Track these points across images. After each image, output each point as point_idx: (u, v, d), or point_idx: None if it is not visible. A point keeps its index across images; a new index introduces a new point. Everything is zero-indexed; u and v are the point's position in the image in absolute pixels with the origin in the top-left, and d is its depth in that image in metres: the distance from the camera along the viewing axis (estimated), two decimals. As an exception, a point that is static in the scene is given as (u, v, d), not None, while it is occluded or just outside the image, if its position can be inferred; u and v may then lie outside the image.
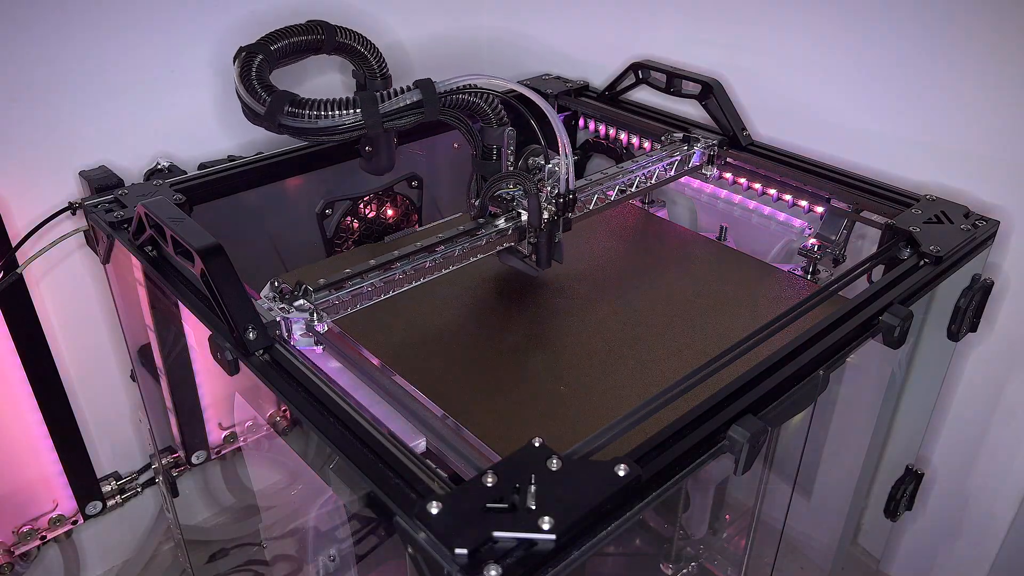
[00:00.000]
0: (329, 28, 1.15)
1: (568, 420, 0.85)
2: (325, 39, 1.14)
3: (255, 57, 1.06)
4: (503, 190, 1.01)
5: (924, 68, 1.10)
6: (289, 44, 1.12)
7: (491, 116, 1.03)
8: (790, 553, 1.15)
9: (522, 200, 1.00)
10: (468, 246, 0.98)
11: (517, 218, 1.01)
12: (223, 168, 1.17)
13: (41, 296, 1.17)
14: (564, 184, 0.97)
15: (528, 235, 1.02)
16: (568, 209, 0.99)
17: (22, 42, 1.07)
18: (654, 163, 1.18)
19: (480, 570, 0.54)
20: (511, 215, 1.01)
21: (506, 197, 1.01)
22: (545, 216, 0.99)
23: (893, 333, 0.84)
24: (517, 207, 1.01)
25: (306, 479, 0.93)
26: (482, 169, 1.05)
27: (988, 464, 1.24)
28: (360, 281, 0.90)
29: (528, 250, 1.03)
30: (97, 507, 1.28)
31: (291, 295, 0.86)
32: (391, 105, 0.97)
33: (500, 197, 1.01)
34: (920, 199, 1.07)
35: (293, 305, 0.84)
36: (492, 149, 1.04)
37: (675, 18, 1.36)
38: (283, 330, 0.83)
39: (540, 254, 1.02)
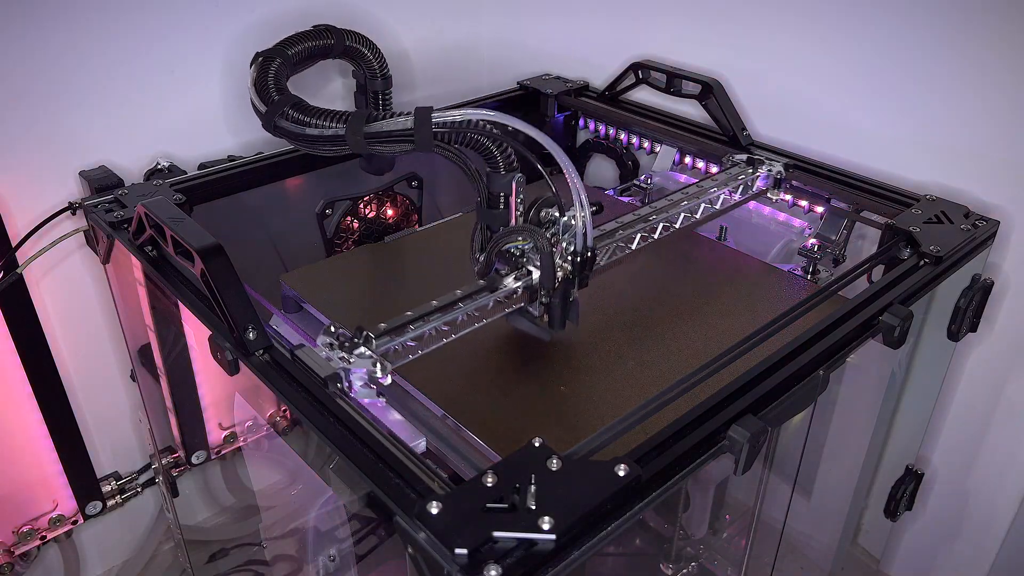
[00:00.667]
0: (338, 32, 1.15)
1: (568, 420, 0.85)
2: (335, 43, 1.14)
3: (273, 61, 1.06)
4: (511, 244, 0.89)
5: (924, 68, 1.10)
6: (304, 49, 1.12)
7: (499, 160, 0.90)
8: (790, 553, 1.15)
9: (533, 256, 0.88)
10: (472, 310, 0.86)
11: (528, 276, 0.89)
12: (223, 168, 1.17)
13: (41, 296, 1.17)
14: (581, 240, 0.86)
15: (540, 295, 0.90)
16: (586, 268, 0.88)
17: (23, 42, 1.07)
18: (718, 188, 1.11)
19: (480, 570, 0.54)
20: (521, 272, 0.89)
21: (515, 252, 0.89)
22: (560, 275, 0.87)
23: (893, 333, 0.84)
24: (527, 264, 0.89)
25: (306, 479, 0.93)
26: (488, 219, 0.92)
27: (988, 464, 1.24)
28: (422, 324, 0.82)
29: (539, 310, 0.91)
30: (97, 507, 1.28)
31: (351, 342, 0.78)
32: (378, 127, 0.91)
33: (508, 252, 0.90)
34: (920, 199, 1.07)
35: (354, 353, 0.77)
36: (499, 197, 0.91)
37: (675, 18, 1.36)
38: (343, 382, 0.76)
39: (553, 316, 0.91)
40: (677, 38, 1.37)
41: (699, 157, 1.33)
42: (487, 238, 0.93)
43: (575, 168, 0.85)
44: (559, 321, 0.91)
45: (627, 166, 1.48)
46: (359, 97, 1.25)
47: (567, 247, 0.87)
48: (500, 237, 0.89)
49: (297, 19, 1.21)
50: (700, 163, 1.33)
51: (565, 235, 0.87)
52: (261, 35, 1.28)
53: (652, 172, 1.40)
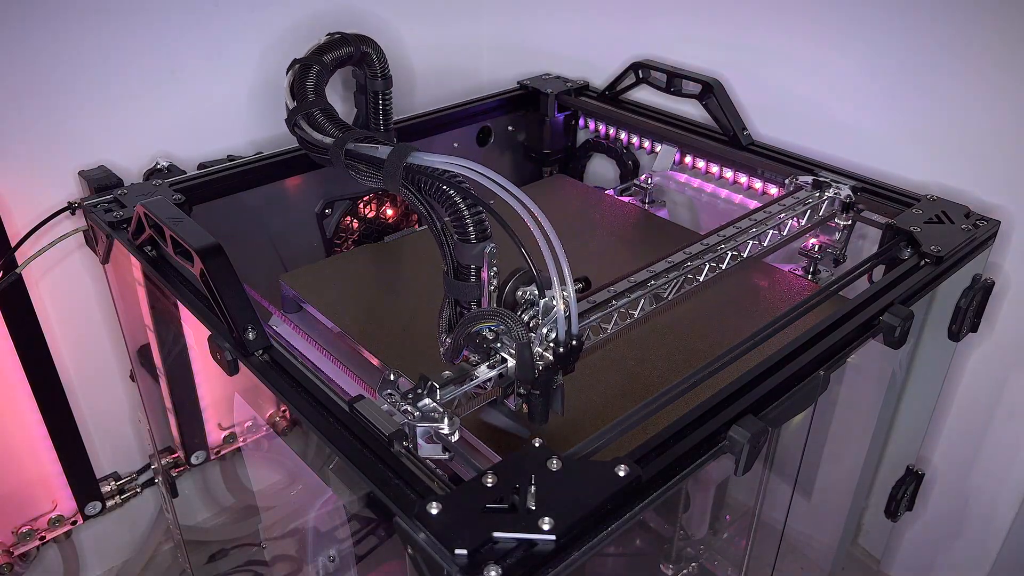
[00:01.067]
0: (354, 40, 1.15)
1: (568, 420, 0.84)
2: (353, 51, 1.14)
3: (311, 68, 1.08)
4: (483, 326, 0.74)
5: (924, 68, 1.10)
6: (335, 57, 1.13)
7: (470, 225, 0.75)
8: (790, 553, 1.15)
9: (508, 341, 0.74)
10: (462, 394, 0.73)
11: (503, 363, 0.75)
12: (223, 168, 1.17)
13: (40, 296, 1.17)
14: (564, 327, 0.71)
15: (516, 388, 0.76)
16: (570, 358, 0.73)
17: (22, 42, 1.07)
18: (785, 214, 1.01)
19: (480, 570, 0.53)
20: (495, 360, 0.75)
21: (487, 336, 0.75)
22: (540, 364, 0.72)
23: (894, 333, 0.84)
24: (501, 349, 0.75)
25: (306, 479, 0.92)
26: (455, 292, 0.78)
27: (989, 464, 1.24)
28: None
29: (517, 403, 0.77)
30: (97, 507, 1.28)
31: (414, 393, 0.70)
32: (359, 150, 0.88)
33: (479, 335, 0.75)
34: (921, 199, 1.07)
35: (418, 406, 0.69)
36: (469, 268, 0.77)
37: (675, 18, 1.36)
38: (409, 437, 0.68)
39: (534, 410, 0.76)
40: (677, 38, 1.37)
41: (699, 157, 1.33)
42: (456, 314, 0.79)
43: (560, 244, 0.69)
44: (541, 415, 0.76)
45: (627, 166, 1.47)
46: (359, 97, 1.25)
47: (548, 333, 0.73)
48: (468, 320, 0.74)
49: (297, 19, 1.21)
50: (700, 163, 1.33)
51: (545, 320, 0.73)
52: (261, 35, 1.28)
53: (652, 172, 1.40)
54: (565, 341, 0.72)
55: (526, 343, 0.71)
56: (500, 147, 1.52)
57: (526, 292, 0.76)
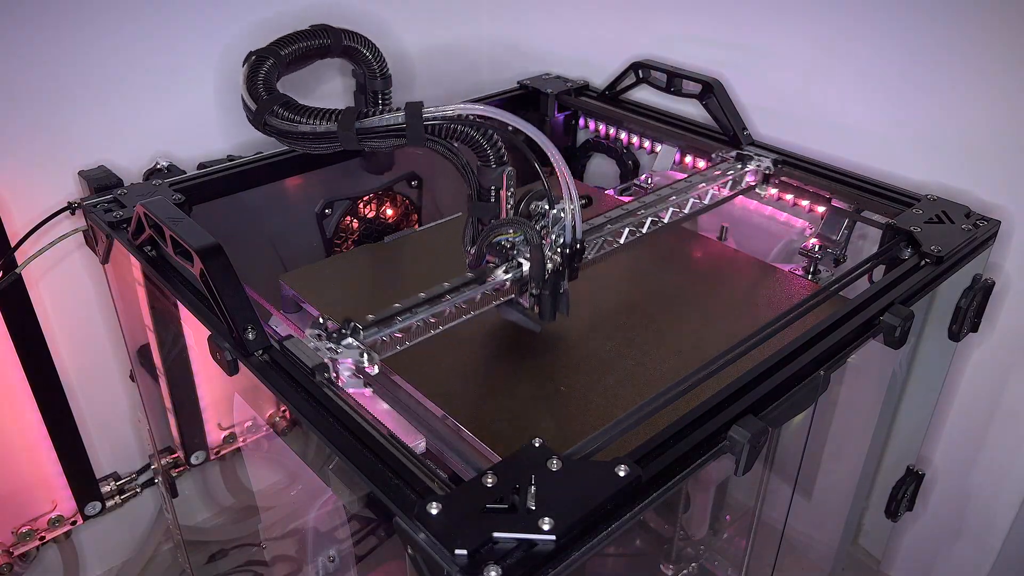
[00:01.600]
0: (335, 32, 1.15)
1: (568, 420, 0.84)
2: (332, 43, 1.14)
3: (265, 61, 1.07)
4: (502, 237, 0.90)
5: (925, 68, 1.10)
6: (298, 48, 1.12)
7: (490, 154, 0.90)
8: (790, 553, 1.15)
9: (523, 248, 0.90)
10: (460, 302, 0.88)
11: (518, 268, 0.91)
12: (223, 168, 1.17)
13: (40, 296, 1.17)
14: (571, 233, 0.87)
15: (530, 287, 0.91)
16: (575, 260, 0.89)
17: (22, 42, 1.07)
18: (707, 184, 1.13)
19: (480, 571, 0.53)
20: (511, 264, 0.91)
21: (505, 245, 0.91)
22: (549, 267, 0.88)
23: (894, 333, 0.84)
24: (518, 256, 0.91)
25: (306, 479, 0.92)
26: (478, 212, 0.93)
27: (989, 464, 1.24)
28: (410, 316, 0.84)
29: (529, 302, 0.93)
30: (96, 507, 1.28)
31: (339, 333, 0.80)
32: (370, 123, 0.92)
33: (498, 244, 0.91)
34: (921, 199, 1.07)
35: (341, 344, 0.79)
36: (490, 190, 0.92)
37: (675, 18, 1.36)
38: (331, 371, 0.77)
39: (543, 307, 0.91)
40: (677, 38, 1.37)
41: (699, 157, 1.33)
42: (478, 231, 0.93)
43: (565, 162, 0.85)
44: (549, 312, 0.91)
45: (627, 166, 1.47)
46: (359, 97, 1.25)
47: (556, 239, 0.88)
48: (490, 229, 0.90)
49: (298, 19, 1.20)
50: (701, 163, 1.33)
51: (554, 228, 0.89)
52: (261, 35, 1.27)
53: (652, 172, 1.40)
54: (571, 244, 0.88)
55: (538, 244, 0.87)
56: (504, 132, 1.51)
57: (538, 206, 0.90)
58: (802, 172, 1.18)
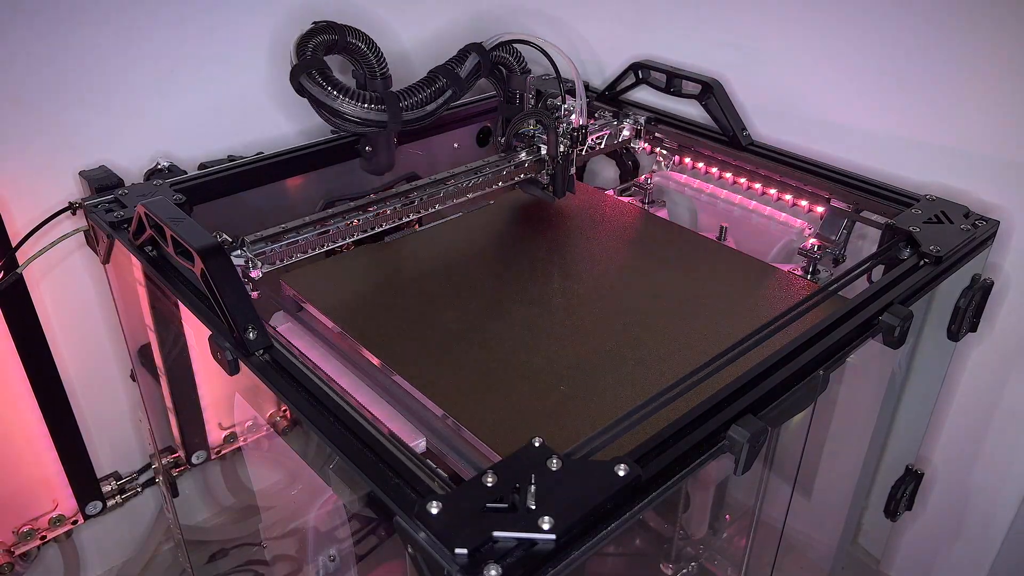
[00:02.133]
0: (340, 29, 1.15)
1: (568, 420, 0.85)
2: (337, 39, 1.15)
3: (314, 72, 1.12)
4: (525, 128, 1.19)
5: (924, 68, 1.10)
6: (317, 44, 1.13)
7: (515, 66, 1.21)
8: (790, 553, 1.15)
9: (541, 136, 1.17)
10: (492, 175, 1.16)
11: (537, 152, 1.19)
12: (223, 168, 1.17)
13: (41, 296, 1.17)
14: (578, 120, 1.16)
15: (546, 166, 1.19)
16: (580, 143, 1.18)
17: (22, 42, 1.07)
18: None
19: (480, 570, 0.54)
20: (532, 150, 1.20)
21: (527, 135, 1.19)
22: (561, 149, 1.16)
23: (893, 333, 0.84)
24: (537, 143, 1.19)
25: (306, 479, 0.93)
26: (507, 111, 1.23)
27: (988, 464, 1.24)
28: (295, 235, 1.00)
29: (546, 181, 1.21)
30: (97, 507, 1.28)
31: (230, 246, 0.94)
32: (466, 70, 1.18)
33: (523, 135, 1.19)
34: (920, 199, 1.07)
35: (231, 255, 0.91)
36: (515, 94, 1.22)
37: (675, 18, 1.36)
38: None
39: (556, 184, 1.20)
40: (677, 38, 1.37)
41: (699, 158, 1.33)
42: (506, 127, 1.22)
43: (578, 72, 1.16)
44: (561, 189, 1.21)
45: (627, 166, 1.48)
46: (359, 97, 1.25)
47: (567, 127, 1.16)
48: (517, 120, 1.19)
49: (298, 19, 1.20)
50: (700, 163, 1.33)
51: (566, 118, 1.17)
52: (261, 35, 1.28)
53: (652, 172, 1.40)
54: (579, 128, 1.17)
55: (554, 127, 1.16)
56: (500, 147, 1.52)
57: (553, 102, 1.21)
58: (802, 172, 1.18)
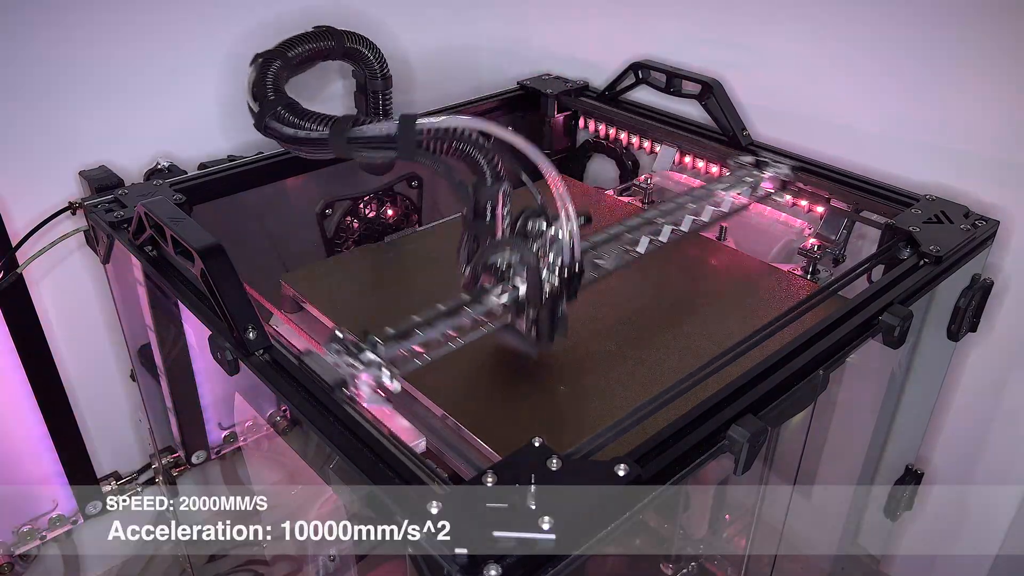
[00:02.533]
0: (338, 34, 1.15)
1: (568, 420, 0.85)
2: (335, 45, 1.14)
3: (272, 63, 1.06)
4: (497, 257, 0.87)
5: (924, 68, 1.10)
6: (305, 51, 1.12)
7: (486, 169, 0.89)
8: (790, 553, 1.15)
9: (520, 270, 0.86)
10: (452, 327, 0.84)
11: (515, 290, 0.87)
12: (223, 168, 1.17)
13: (41, 296, 1.17)
14: (568, 254, 0.84)
15: (527, 310, 0.87)
16: (573, 282, 0.87)
17: (22, 41, 1.07)
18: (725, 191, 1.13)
19: (480, 570, 0.54)
20: (507, 286, 0.87)
21: (501, 266, 0.88)
22: (547, 290, 0.85)
23: (893, 333, 0.84)
24: (515, 277, 0.87)
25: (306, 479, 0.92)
26: (474, 229, 0.91)
27: (988, 464, 1.24)
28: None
29: (527, 326, 0.88)
30: (97, 507, 1.28)
31: (357, 347, 0.77)
32: (360, 132, 0.89)
33: (494, 265, 0.88)
34: (920, 199, 1.07)
35: (360, 359, 0.76)
36: (486, 207, 0.90)
37: (675, 18, 1.36)
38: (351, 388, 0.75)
39: (541, 331, 0.87)
40: (677, 38, 1.37)
41: (699, 157, 1.33)
42: (474, 250, 0.91)
43: (561, 179, 0.83)
44: (547, 336, 0.87)
45: (627, 166, 1.48)
46: (359, 97, 1.25)
47: (554, 260, 0.84)
48: (486, 250, 0.87)
49: (297, 19, 1.20)
50: (700, 163, 1.33)
51: (552, 248, 0.85)
52: (261, 35, 1.27)
53: (652, 172, 1.40)
54: (570, 265, 0.85)
55: (535, 266, 0.84)
56: (500, 147, 1.52)
57: (536, 224, 0.86)
58: (802, 172, 1.18)
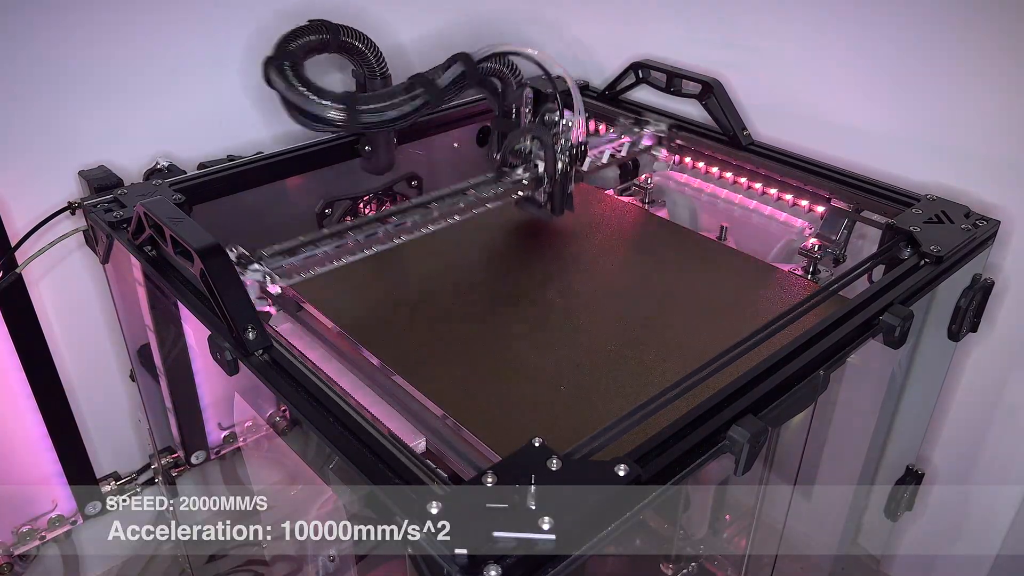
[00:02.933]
0: (333, 27, 1.15)
1: (568, 420, 0.85)
2: (330, 38, 1.14)
3: (285, 64, 1.09)
4: (522, 144, 1.11)
5: (924, 68, 1.10)
6: (301, 44, 1.12)
7: (511, 78, 1.15)
8: (790, 553, 1.15)
9: (539, 152, 1.10)
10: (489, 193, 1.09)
11: (535, 169, 1.11)
12: (223, 168, 1.17)
13: (41, 296, 1.17)
14: (577, 136, 1.09)
15: (544, 184, 1.11)
16: (579, 160, 1.11)
17: (22, 41, 1.07)
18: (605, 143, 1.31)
19: (480, 570, 0.54)
20: (529, 167, 1.12)
21: (524, 151, 1.12)
22: (559, 166, 1.09)
23: (893, 333, 0.84)
24: (535, 159, 1.11)
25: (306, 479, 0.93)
26: (503, 126, 1.17)
27: (989, 464, 1.24)
28: (313, 249, 0.97)
29: (543, 199, 1.13)
30: (97, 507, 1.28)
31: (247, 259, 0.91)
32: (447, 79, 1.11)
33: (519, 151, 1.12)
34: (920, 199, 1.07)
35: (248, 268, 0.90)
36: (512, 108, 1.17)
37: (675, 18, 1.36)
38: None
39: (555, 202, 1.12)
40: (677, 38, 1.37)
41: (699, 157, 1.33)
42: (502, 142, 1.14)
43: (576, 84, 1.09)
44: (559, 207, 1.13)
45: (627, 166, 1.47)
46: (359, 97, 1.25)
47: (565, 144, 1.08)
48: (513, 136, 1.11)
49: (297, 19, 1.20)
50: (700, 163, 1.33)
51: (564, 135, 1.09)
52: (261, 35, 1.27)
53: (652, 172, 1.40)
54: (577, 144, 1.10)
55: (551, 145, 1.08)
56: (500, 147, 1.52)
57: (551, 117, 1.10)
58: (802, 172, 1.18)
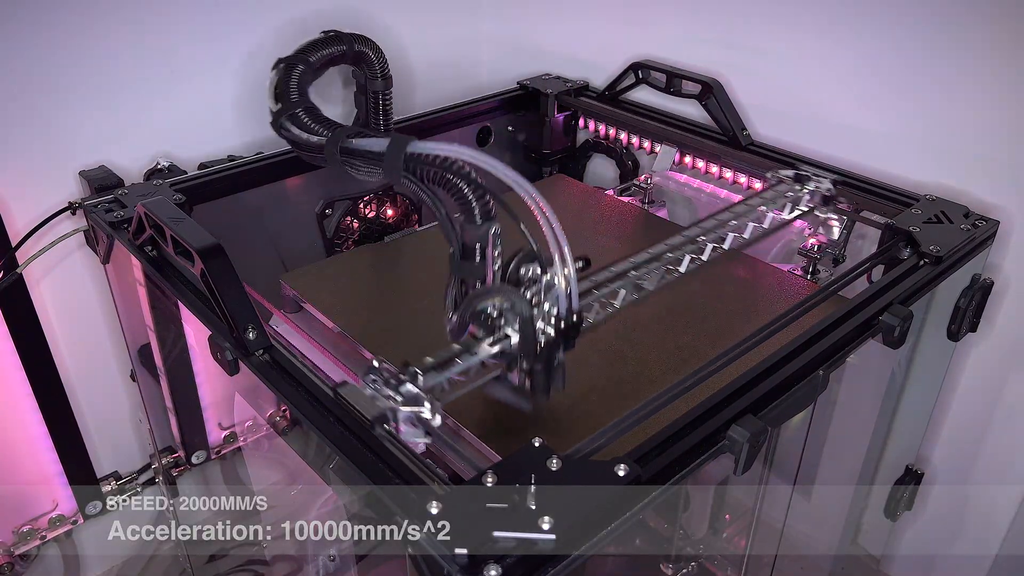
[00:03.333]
0: (348, 38, 1.15)
1: (568, 420, 0.85)
2: (347, 49, 1.14)
3: (295, 67, 1.07)
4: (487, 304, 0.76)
5: (924, 68, 1.10)
6: (322, 56, 1.12)
7: (475, 207, 0.79)
8: (790, 553, 1.15)
9: (512, 318, 0.75)
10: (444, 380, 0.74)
11: (506, 339, 0.75)
12: (223, 168, 1.17)
13: (41, 296, 1.17)
14: (565, 303, 0.74)
15: (519, 362, 0.77)
16: (571, 334, 0.76)
17: (22, 41, 1.07)
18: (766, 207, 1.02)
19: (480, 570, 0.54)
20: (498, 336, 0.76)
21: (491, 314, 0.76)
22: (542, 341, 0.75)
23: (893, 333, 0.84)
24: (506, 326, 0.76)
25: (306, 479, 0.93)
26: (461, 271, 0.82)
27: (988, 464, 1.24)
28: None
29: (520, 378, 0.77)
30: (97, 507, 1.28)
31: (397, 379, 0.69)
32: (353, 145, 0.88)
33: (483, 313, 0.77)
34: (920, 199, 1.07)
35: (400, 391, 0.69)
36: (475, 248, 0.80)
37: (675, 18, 1.36)
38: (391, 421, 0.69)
39: (536, 384, 0.77)
40: (677, 38, 1.37)
41: (699, 157, 1.33)
42: (461, 293, 0.82)
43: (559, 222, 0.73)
44: (542, 389, 0.77)
45: (627, 166, 1.48)
46: (359, 98, 1.25)
47: (550, 309, 0.75)
48: (474, 297, 0.77)
49: (297, 19, 1.21)
50: (700, 163, 1.33)
51: (547, 296, 0.75)
52: (261, 35, 1.28)
53: (652, 172, 1.40)
54: (566, 316, 0.74)
55: (529, 318, 0.73)
56: (500, 147, 1.52)
57: (529, 270, 0.77)
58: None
